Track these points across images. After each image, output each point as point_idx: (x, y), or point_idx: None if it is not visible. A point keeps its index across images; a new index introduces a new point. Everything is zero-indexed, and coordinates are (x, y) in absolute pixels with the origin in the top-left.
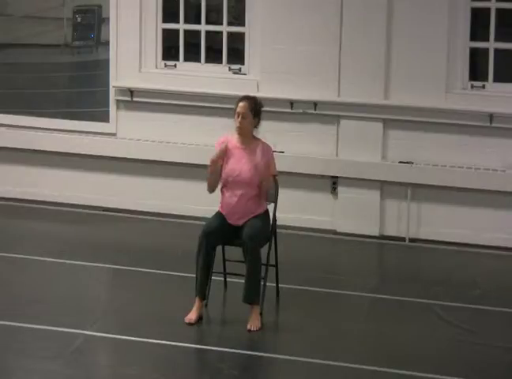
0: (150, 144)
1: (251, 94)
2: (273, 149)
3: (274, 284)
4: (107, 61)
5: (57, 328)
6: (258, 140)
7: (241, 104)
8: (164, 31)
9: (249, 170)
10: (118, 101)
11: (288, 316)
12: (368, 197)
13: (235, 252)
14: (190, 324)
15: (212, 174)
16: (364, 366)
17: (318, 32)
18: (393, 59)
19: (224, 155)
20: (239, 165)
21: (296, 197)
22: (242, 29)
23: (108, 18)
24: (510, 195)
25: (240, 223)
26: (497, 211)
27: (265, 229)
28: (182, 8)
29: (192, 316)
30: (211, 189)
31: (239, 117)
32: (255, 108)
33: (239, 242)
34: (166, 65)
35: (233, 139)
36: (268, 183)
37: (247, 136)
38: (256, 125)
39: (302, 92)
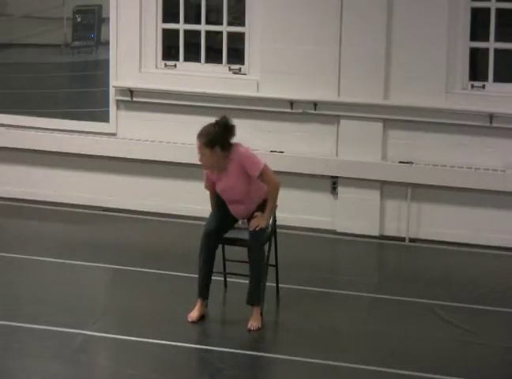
0: (150, 144)
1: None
2: (273, 149)
3: (274, 284)
4: (107, 61)
5: (57, 328)
6: (230, 153)
7: (196, 142)
8: (164, 31)
9: (236, 185)
10: (118, 101)
11: (288, 316)
12: (368, 197)
13: (235, 252)
14: (192, 322)
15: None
16: (364, 366)
17: (318, 32)
18: (393, 59)
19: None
20: (227, 185)
21: (296, 197)
22: (242, 29)
23: (108, 18)
24: (510, 195)
25: (246, 218)
26: (497, 211)
27: (267, 226)
28: (182, 8)
29: (194, 314)
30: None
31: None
32: (209, 141)
33: (242, 243)
34: (166, 65)
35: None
36: (272, 190)
37: (218, 165)
38: (222, 150)
39: (302, 92)
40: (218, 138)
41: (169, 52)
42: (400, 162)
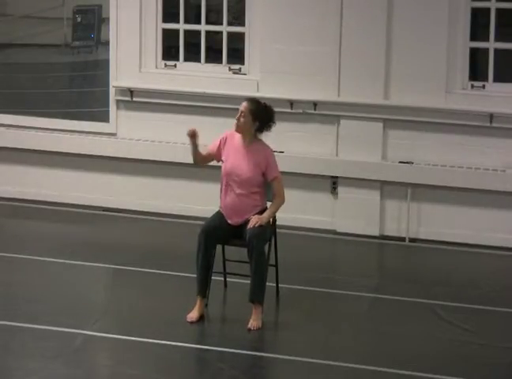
0: (150, 144)
1: (255, 96)
2: (273, 149)
3: (274, 284)
4: (107, 61)
5: (57, 328)
6: (260, 140)
7: (243, 104)
8: (164, 31)
9: (249, 169)
10: (118, 101)
11: (287, 316)
12: (368, 197)
13: (235, 252)
14: (191, 322)
15: (192, 147)
16: (364, 366)
17: (318, 32)
18: (393, 59)
19: (195, 135)
20: (240, 163)
21: (296, 197)
22: (242, 29)
23: (108, 18)
24: (510, 195)
25: (239, 222)
26: (497, 211)
27: (267, 227)
28: (182, 8)
29: (193, 314)
30: (194, 162)
31: (238, 114)
32: (256, 111)
33: (242, 243)
34: (166, 65)
35: (235, 136)
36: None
37: (247, 135)
38: (257, 129)
39: (302, 92)
40: (263, 116)
41: (169, 52)
42: (400, 162)
